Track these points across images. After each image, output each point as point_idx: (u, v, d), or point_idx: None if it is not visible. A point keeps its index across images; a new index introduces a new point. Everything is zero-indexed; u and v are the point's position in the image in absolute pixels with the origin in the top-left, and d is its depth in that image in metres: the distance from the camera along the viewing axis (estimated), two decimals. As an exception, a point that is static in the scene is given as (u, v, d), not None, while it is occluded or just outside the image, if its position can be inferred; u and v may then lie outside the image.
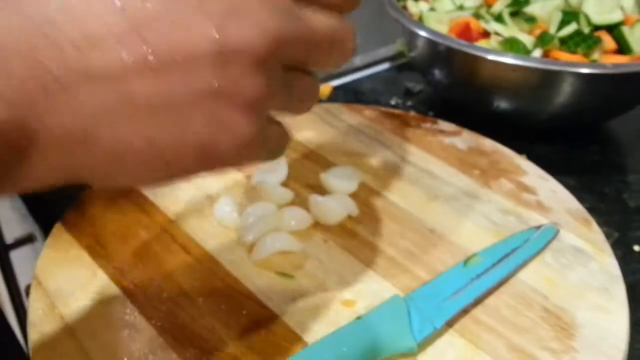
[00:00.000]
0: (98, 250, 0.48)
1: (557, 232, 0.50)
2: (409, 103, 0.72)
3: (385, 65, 0.80)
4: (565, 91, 0.58)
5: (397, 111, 0.65)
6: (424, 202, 0.53)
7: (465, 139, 0.61)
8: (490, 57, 0.58)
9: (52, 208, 0.52)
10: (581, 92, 0.58)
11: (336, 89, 0.75)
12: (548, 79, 0.58)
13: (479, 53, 0.59)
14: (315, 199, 0.51)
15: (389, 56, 0.81)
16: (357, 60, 0.79)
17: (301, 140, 0.61)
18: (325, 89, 0.74)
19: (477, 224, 0.51)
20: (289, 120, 0.34)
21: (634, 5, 0.67)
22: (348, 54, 0.33)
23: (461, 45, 0.60)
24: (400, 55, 0.81)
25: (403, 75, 0.78)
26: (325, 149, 0.60)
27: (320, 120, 0.64)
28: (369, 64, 0.79)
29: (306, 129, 0.62)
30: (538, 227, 0.50)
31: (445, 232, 0.50)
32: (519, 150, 0.60)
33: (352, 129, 0.63)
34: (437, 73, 0.67)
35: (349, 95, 0.74)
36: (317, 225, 0.50)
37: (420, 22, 0.67)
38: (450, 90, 0.68)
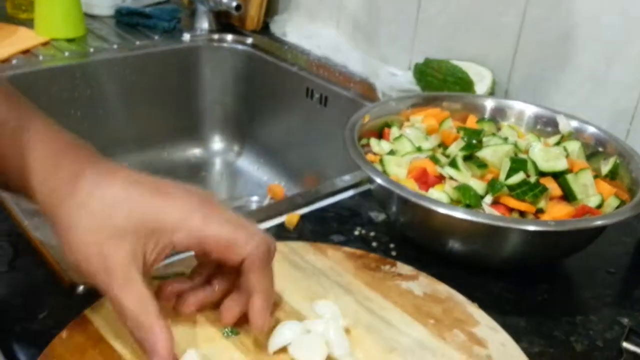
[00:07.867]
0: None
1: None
2: (372, 234, 0.76)
3: (349, 193, 0.84)
4: (512, 242, 0.63)
5: (358, 251, 0.69)
6: (381, 355, 0.56)
7: (421, 284, 0.64)
8: (441, 210, 0.62)
9: (24, 352, 0.55)
10: (528, 244, 0.63)
11: (302, 217, 0.78)
12: (496, 232, 0.62)
13: (430, 205, 0.63)
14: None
15: (353, 183, 0.85)
16: (323, 188, 0.83)
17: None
18: (293, 217, 0.78)
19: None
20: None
21: (579, 149, 0.72)
22: None
23: (414, 196, 0.64)
24: (365, 181, 0.84)
25: (367, 204, 0.82)
26: (287, 292, 0.63)
27: (285, 260, 0.67)
28: (334, 191, 0.83)
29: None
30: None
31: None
32: (473, 287, 0.64)
33: (316, 271, 0.66)
34: (394, 214, 0.71)
35: (317, 224, 0.77)
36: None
37: (378, 164, 0.72)
38: (406, 230, 0.72)
